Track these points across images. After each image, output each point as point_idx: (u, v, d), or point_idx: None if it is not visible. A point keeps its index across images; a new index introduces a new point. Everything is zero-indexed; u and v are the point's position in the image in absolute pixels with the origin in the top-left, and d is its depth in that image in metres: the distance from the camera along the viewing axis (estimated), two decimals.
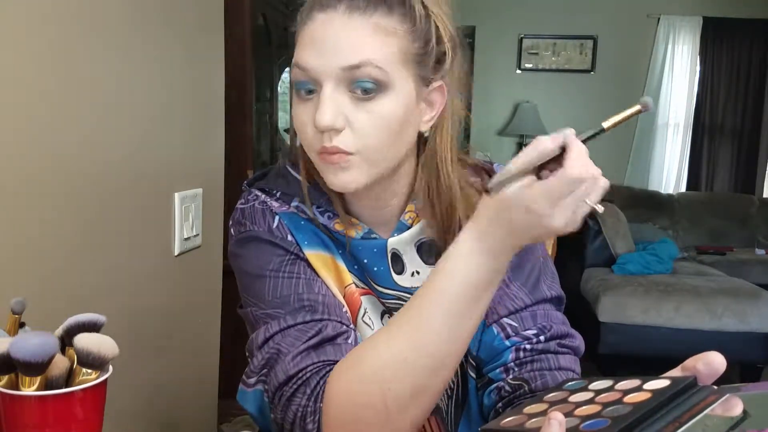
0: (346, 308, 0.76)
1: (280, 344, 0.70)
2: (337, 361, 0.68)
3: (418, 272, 0.78)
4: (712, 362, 0.52)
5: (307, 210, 0.77)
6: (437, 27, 0.70)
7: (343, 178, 0.69)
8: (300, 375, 0.68)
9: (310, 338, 0.69)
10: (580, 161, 0.56)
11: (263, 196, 0.79)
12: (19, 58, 0.79)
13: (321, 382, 0.67)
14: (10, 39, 0.77)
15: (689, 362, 0.54)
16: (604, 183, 0.57)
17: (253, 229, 0.76)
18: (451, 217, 0.75)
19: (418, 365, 0.63)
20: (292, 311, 0.71)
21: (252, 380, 0.72)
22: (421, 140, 0.75)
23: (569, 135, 0.56)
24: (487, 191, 0.59)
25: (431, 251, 0.78)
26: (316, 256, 0.76)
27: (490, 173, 0.80)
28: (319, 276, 0.75)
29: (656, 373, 0.53)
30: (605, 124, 0.58)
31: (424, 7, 0.69)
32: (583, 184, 0.56)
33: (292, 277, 0.74)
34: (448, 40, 0.71)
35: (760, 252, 4.27)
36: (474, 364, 0.78)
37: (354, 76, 0.66)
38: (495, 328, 0.76)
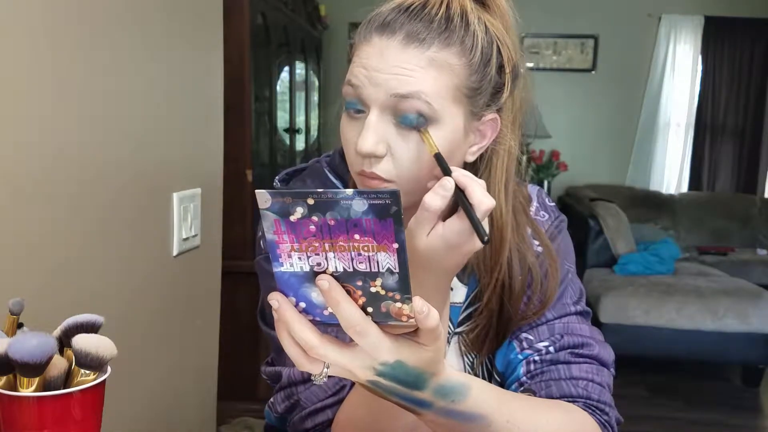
0: None
1: (300, 396, 0.75)
2: None
3: (451, 288, 0.77)
4: None
5: None
6: (500, 56, 0.69)
7: None
8: (315, 428, 0.74)
9: (328, 397, 0.73)
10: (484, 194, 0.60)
11: None
12: (18, 58, 0.79)
13: None
14: (8, 39, 0.77)
15: None
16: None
17: None
18: (500, 251, 0.73)
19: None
20: None
21: (277, 412, 0.79)
22: (476, 167, 0.74)
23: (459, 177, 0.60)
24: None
25: (464, 268, 0.77)
26: None
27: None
28: None
29: (658, 375, 0.52)
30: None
31: (488, 32, 0.68)
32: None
33: None
34: (510, 71, 0.70)
35: (762, 252, 4.27)
36: (498, 380, 0.79)
37: (401, 105, 0.65)
38: (515, 343, 0.77)
